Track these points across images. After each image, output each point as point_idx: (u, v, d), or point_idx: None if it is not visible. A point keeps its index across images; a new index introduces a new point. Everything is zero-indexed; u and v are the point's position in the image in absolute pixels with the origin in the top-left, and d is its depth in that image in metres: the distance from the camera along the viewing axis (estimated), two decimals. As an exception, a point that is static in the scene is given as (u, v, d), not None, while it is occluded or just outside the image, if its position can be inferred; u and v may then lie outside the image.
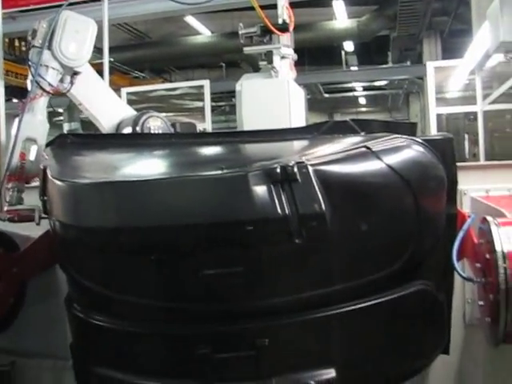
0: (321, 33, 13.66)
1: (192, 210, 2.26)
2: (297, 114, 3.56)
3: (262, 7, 3.65)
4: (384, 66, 16.68)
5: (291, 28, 3.59)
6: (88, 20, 3.41)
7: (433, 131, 6.05)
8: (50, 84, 3.27)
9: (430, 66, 6.17)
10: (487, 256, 2.49)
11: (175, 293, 2.38)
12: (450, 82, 7.21)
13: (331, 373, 2.46)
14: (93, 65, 3.59)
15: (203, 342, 2.38)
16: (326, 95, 20.74)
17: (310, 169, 2.25)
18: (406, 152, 2.57)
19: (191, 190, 2.28)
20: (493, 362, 3.31)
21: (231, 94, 17.34)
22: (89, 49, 3.40)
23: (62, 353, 3.84)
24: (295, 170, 2.22)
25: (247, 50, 3.55)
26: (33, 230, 3.52)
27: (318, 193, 2.23)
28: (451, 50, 13.12)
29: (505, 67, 5.11)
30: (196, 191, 2.27)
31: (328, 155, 2.41)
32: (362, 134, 3.04)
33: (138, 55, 15.41)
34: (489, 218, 2.56)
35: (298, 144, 3.11)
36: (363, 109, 24.87)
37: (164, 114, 4.05)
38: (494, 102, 5.66)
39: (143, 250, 2.31)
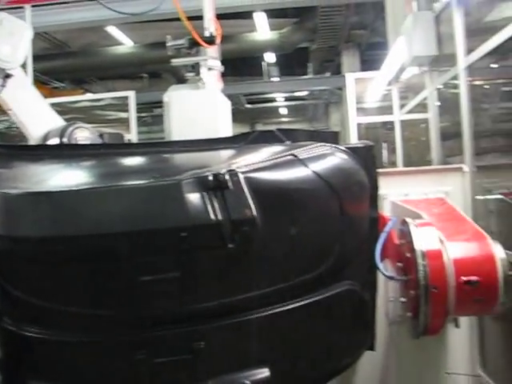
0: (243, 44, 13.82)
1: (126, 218, 2.29)
2: (224, 125, 3.64)
3: (190, 18, 3.72)
4: (304, 77, 17.06)
5: (218, 40, 3.68)
6: (24, 24, 3.39)
7: (353, 140, 6.27)
8: None
9: (350, 77, 6.40)
10: (407, 255, 2.66)
11: (111, 300, 2.39)
12: (369, 93, 7.49)
13: (265, 372, 2.55)
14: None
15: (140, 348, 2.42)
16: (248, 106, 20.96)
17: (241, 176, 2.35)
18: (330, 159, 2.71)
19: (126, 199, 2.31)
20: (414, 354, 3.50)
21: (153, 104, 17.28)
22: (23, 52, 3.37)
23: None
24: (227, 177, 2.31)
25: (175, 61, 3.60)
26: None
27: (249, 199, 2.32)
28: (369, 62, 13.59)
29: (419, 79, 5.38)
30: (130, 200, 2.31)
31: (257, 163, 2.50)
32: (288, 142, 3.15)
33: (57, 65, 15.02)
34: (408, 220, 2.74)
35: (227, 153, 3.18)
36: (284, 119, 25.24)
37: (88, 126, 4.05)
38: (410, 112, 5.95)
39: (76, 258, 2.33)
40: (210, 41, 3.58)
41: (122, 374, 2.47)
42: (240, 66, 16.25)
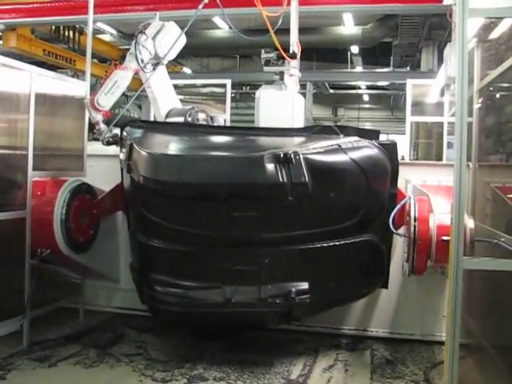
0: (329, 36, 14.71)
1: (228, 174, 3.63)
2: (297, 118, 4.93)
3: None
4: (384, 70, 17.72)
5: (298, 55, 4.96)
6: (183, 35, 4.71)
7: (407, 134, 7.38)
8: (142, 60, 4.48)
9: (409, 83, 7.41)
10: (408, 219, 3.90)
11: (214, 226, 3.74)
12: (427, 96, 8.51)
13: (305, 285, 3.87)
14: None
15: (226, 259, 3.79)
16: (332, 91, 21.63)
17: (301, 156, 3.63)
18: (364, 150, 3.96)
19: (229, 163, 3.67)
20: (420, 298, 4.70)
21: (243, 83, 18.71)
22: (176, 52, 4.73)
23: (114, 276, 5.23)
24: (292, 156, 3.59)
25: (267, 69, 4.90)
26: (103, 186, 4.92)
27: (305, 171, 3.59)
28: (447, 59, 14.30)
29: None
30: (232, 164, 3.66)
31: (313, 148, 3.79)
32: (341, 136, 4.37)
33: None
34: (411, 195, 3.97)
35: (296, 139, 4.47)
36: (366, 105, 25.41)
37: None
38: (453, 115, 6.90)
39: (194, 197, 3.68)
40: (293, 56, 4.88)
41: (214, 274, 3.86)
42: (326, 52, 17.28)
